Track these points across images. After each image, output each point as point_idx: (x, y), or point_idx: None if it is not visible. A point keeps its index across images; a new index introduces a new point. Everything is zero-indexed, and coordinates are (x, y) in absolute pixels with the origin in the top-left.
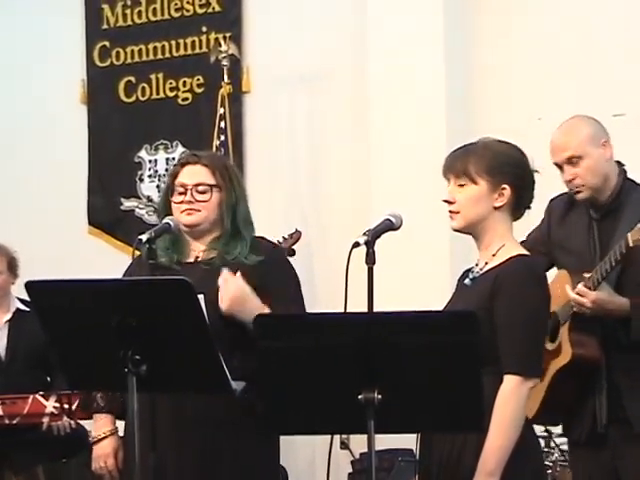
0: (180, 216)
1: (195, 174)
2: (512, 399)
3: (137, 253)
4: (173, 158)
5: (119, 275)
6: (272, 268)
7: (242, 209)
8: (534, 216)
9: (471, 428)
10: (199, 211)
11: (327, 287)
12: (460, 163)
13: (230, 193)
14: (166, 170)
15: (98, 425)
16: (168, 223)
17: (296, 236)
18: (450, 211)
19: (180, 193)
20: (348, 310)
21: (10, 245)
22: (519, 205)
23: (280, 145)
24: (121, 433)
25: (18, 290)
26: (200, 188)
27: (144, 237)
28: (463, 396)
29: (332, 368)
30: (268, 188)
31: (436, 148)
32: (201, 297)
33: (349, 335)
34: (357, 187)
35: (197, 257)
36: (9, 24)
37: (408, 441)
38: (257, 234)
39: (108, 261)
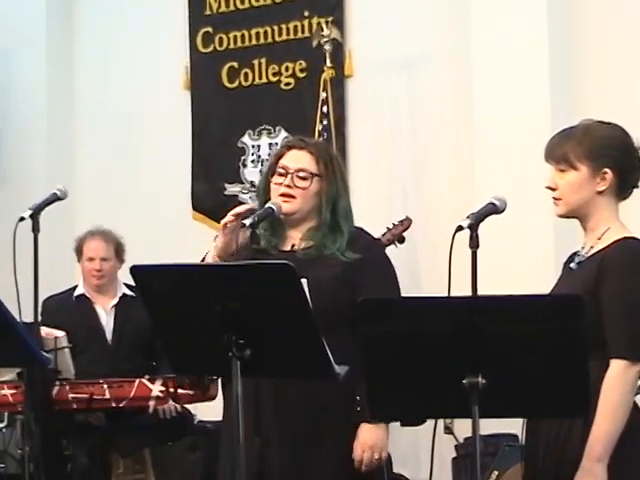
0: (277, 199)
1: (299, 159)
2: (619, 384)
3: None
4: (276, 143)
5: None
6: (368, 264)
7: (343, 203)
8: None
9: (577, 414)
10: (295, 198)
11: (431, 272)
12: (559, 149)
13: (331, 184)
14: (269, 155)
15: None
16: (271, 208)
17: (406, 223)
18: (553, 197)
19: (280, 175)
20: (452, 295)
21: (116, 231)
22: (624, 187)
23: (382, 129)
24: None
25: (124, 275)
26: (301, 174)
27: (247, 222)
28: (569, 381)
29: (436, 353)
30: (371, 172)
31: (540, 131)
32: (304, 281)
33: (453, 319)
34: (460, 171)
35: (293, 245)
36: (116, 13)
37: (513, 425)
38: (359, 220)
39: (211, 244)
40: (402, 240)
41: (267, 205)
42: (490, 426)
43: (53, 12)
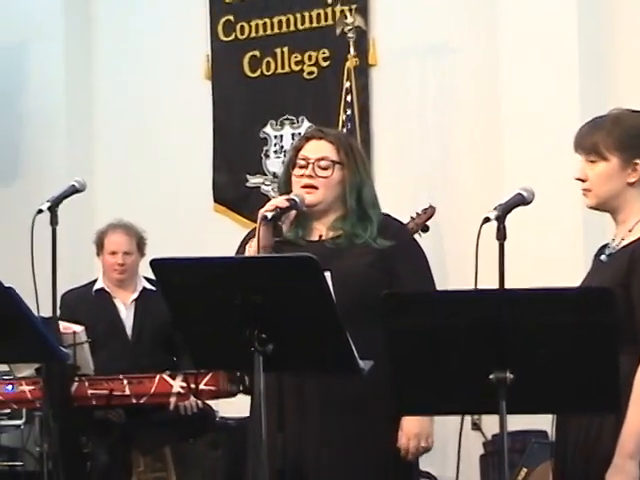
0: (300, 191)
1: (319, 148)
2: None
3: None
4: (299, 133)
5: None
6: (401, 251)
7: (368, 191)
8: None
9: (607, 410)
10: (317, 188)
11: (457, 264)
12: (589, 139)
13: (354, 173)
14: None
15: None
16: (294, 199)
17: (430, 212)
18: (583, 189)
19: (301, 167)
20: (479, 287)
21: (138, 224)
22: None
23: (408, 119)
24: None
25: (144, 269)
26: (322, 163)
27: (269, 214)
28: (599, 376)
29: (462, 347)
30: (396, 162)
31: (569, 119)
32: (327, 274)
33: (479, 313)
34: (488, 161)
35: (320, 235)
36: (135, 3)
37: (542, 422)
38: (384, 211)
39: (234, 238)
40: (426, 229)
41: (290, 196)
42: (518, 422)
43: (70, 4)
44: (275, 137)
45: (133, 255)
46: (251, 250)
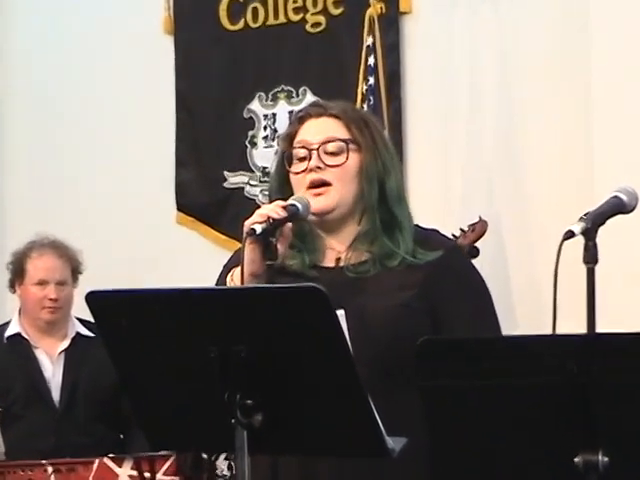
0: (305, 193)
1: (322, 128)
2: None
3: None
4: (299, 111)
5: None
6: (451, 273)
7: (393, 183)
8: None
9: None
10: (330, 185)
11: (525, 297)
12: None
13: (374, 156)
14: None
15: None
16: (295, 205)
17: (480, 228)
18: None
19: (301, 159)
20: (557, 330)
21: (71, 242)
22: None
23: (455, 91)
24: None
25: (76, 304)
26: (331, 146)
27: (259, 227)
28: None
29: (534, 417)
30: (436, 155)
31: None
32: (341, 314)
33: (560, 368)
34: (570, 154)
35: (338, 259)
36: None
37: None
38: (415, 222)
39: (205, 262)
40: (475, 253)
41: (288, 202)
42: None
43: None
44: (265, 117)
45: (68, 286)
46: (233, 282)
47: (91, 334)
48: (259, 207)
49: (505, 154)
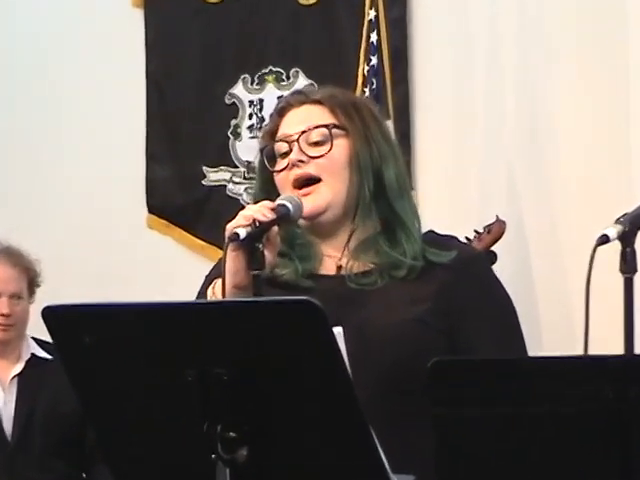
0: (294, 192)
1: (303, 117)
2: None
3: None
4: (279, 102)
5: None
6: (471, 279)
7: (392, 173)
8: None
9: None
10: (320, 181)
11: (552, 311)
12: None
13: (366, 142)
14: None
15: None
16: (285, 205)
17: (497, 229)
18: None
19: (283, 155)
20: (590, 350)
21: (28, 249)
22: None
23: (471, 72)
24: None
25: (32, 322)
26: (313, 135)
27: (243, 231)
28: None
29: (561, 448)
30: (448, 146)
31: None
32: (338, 331)
33: (592, 393)
34: (604, 145)
35: (339, 267)
36: None
37: None
38: (425, 225)
39: (180, 271)
40: (493, 259)
41: (278, 202)
42: None
43: None
44: (251, 103)
45: (23, 300)
46: (215, 295)
47: (49, 356)
48: (243, 208)
49: (528, 145)
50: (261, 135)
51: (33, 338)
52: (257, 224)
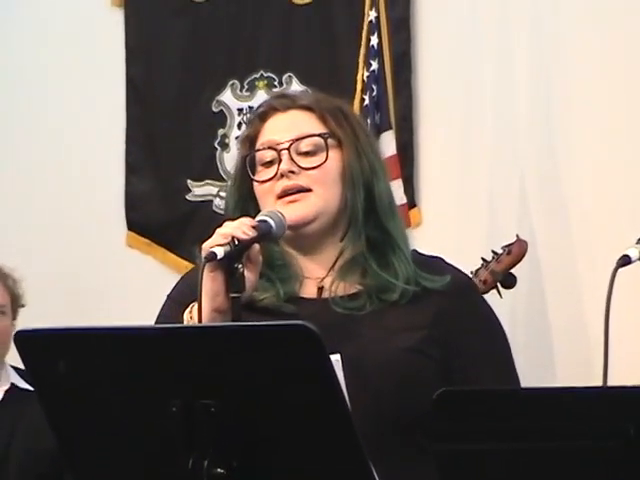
0: (276, 205)
1: (291, 123)
2: None
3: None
4: (260, 106)
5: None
6: (466, 307)
7: (383, 189)
8: None
9: None
10: (309, 191)
11: (568, 338)
12: None
13: (357, 154)
14: None
15: None
16: (266, 221)
17: (518, 250)
18: None
19: (267, 164)
20: (609, 382)
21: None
22: None
23: (479, 78)
24: None
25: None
26: (304, 144)
27: (220, 251)
28: None
29: None
30: (455, 157)
31: None
32: (336, 359)
33: (611, 429)
34: (622, 162)
35: (321, 288)
36: None
37: None
38: (428, 247)
39: (162, 293)
40: (511, 282)
41: (258, 218)
42: None
43: None
44: (240, 111)
45: (7, 316)
46: (193, 320)
47: (30, 387)
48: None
49: (543, 158)
50: (240, 141)
51: (13, 367)
52: (236, 242)
